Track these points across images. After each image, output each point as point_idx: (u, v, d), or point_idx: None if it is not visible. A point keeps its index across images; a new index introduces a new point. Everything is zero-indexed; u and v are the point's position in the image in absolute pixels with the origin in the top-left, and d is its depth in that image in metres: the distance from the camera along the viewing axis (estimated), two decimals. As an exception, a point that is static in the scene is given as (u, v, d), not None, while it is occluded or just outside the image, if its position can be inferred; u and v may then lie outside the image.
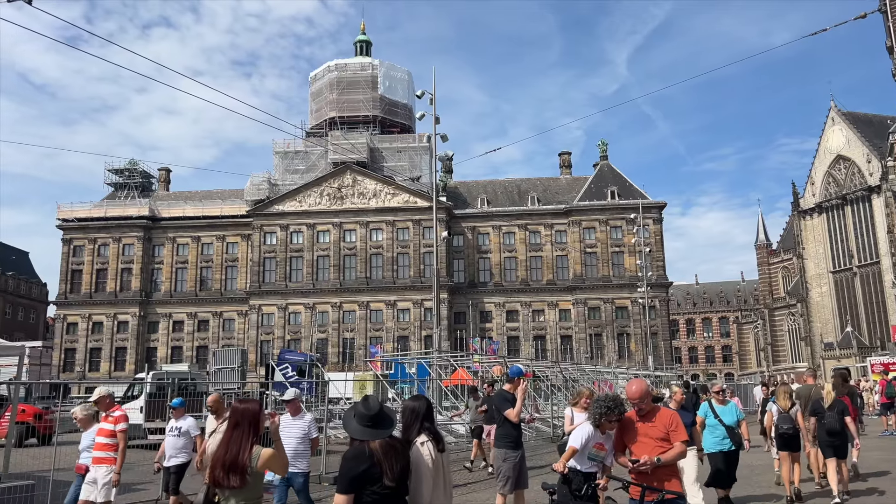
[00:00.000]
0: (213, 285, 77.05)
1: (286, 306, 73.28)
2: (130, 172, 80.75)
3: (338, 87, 77.85)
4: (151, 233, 77.56)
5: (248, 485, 4.27)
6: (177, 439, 9.69)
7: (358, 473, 4.03)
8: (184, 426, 9.77)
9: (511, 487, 8.67)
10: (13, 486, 11.29)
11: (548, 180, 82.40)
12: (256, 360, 67.05)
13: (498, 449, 8.85)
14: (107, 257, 77.10)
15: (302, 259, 74.46)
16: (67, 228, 77.64)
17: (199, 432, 9.75)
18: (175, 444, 9.70)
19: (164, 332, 75.96)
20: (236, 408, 4.45)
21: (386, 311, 72.42)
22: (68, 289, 77.10)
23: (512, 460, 8.70)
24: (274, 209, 74.97)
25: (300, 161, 76.89)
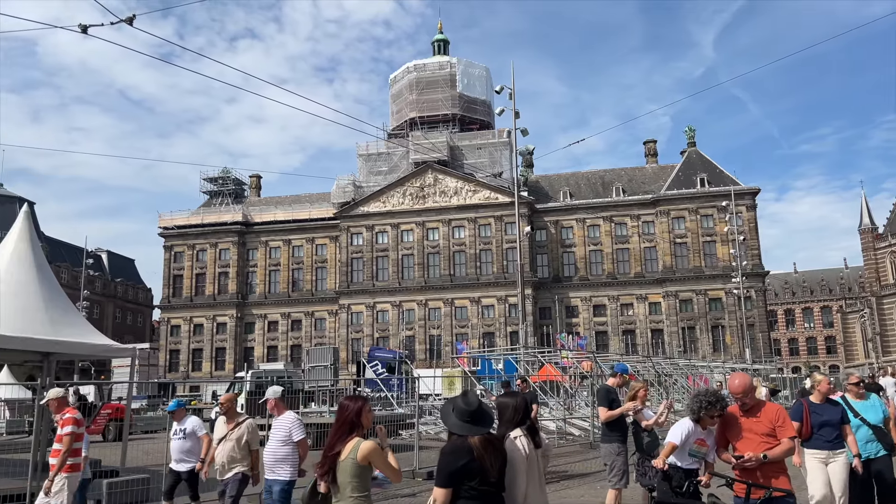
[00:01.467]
0: (305, 286, 79.54)
1: (374, 305, 74.79)
2: (224, 180, 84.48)
3: (417, 87, 78.70)
4: (245, 237, 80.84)
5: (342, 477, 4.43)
6: (182, 442, 8.92)
7: (457, 468, 4.06)
8: (188, 427, 9.00)
9: (626, 482, 8.57)
10: (131, 480, 12.05)
11: (633, 170, 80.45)
12: (347, 358, 68.79)
13: (609, 444, 8.73)
14: (205, 262, 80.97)
15: (387, 258, 75.79)
16: (168, 236, 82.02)
17: (205, 431, 9.01)
18: (181, 447, 8.92)
19: (260, 333, 79.04)
20: (343, 403, 4.70)
21: (470, 307, 72.71)
22: (171, 293, 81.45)
23: (624, 454, 8.60)
24: (359, 210, 76.63)
25: (383, 162, 78.24)
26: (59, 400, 8.42)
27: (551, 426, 22.14)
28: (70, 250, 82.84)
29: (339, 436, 4.53)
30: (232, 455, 8.07)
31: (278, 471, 7.34)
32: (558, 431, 22.18)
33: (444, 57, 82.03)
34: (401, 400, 28.79)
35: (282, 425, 7.54)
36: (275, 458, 7.38)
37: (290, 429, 7.46)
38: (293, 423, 7.56)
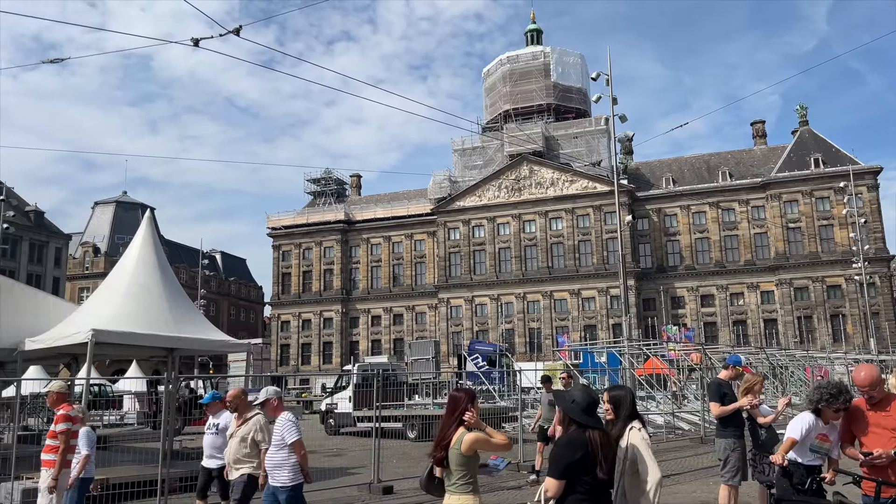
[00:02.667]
0: (405, 281, 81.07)
1: (472, 298, 75.21)
2: (326, 181, 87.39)
3: (510, 79, 78.31)
4: (348, 235, 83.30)
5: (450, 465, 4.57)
6: (215, 437, 8.33)
7: (574, 461, 4.07)
8: (221, 422, 8.37)
9: (741, 478, 8.25)
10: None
11: (740, 153, 76.75)
12: (448, 351, 69.57)
13: (723, 439, 8.41)
14: (311, 260, 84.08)
15: (484, 252, 75.98)
16: (276, 236, 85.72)
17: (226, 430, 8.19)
18: (213, 442, 8.36)
19: (364, 327, 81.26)
20: (453, 395, 4.87)
21: (570, 300, 71.74)
22: (280, 290, 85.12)
23: (740, 450, 8.27)
24: (455, 205, 77.19)
25: (478, 156, 78.44)
26: (59, 394, 8.15)
27: (658, 420, 21.55)
28: (187, 252, 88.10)
29: (451, 425, 4.67)
30: (238, 454, 7.56)
31: (278, 477, 6.98)
32: (666, 426, 21.56)
33: (538, 47, 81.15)
34: (502, 393, 28.83)
35: (276, 429, 7.17)
36: (272, 464, 7.07)
37: (281, 432, 7.06)
38: (285, 425, 7.11)
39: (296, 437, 7.03)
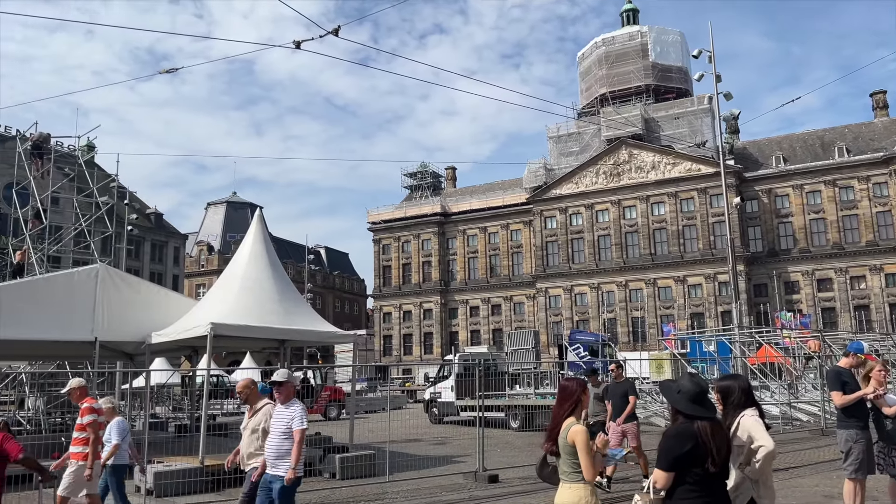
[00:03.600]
0: (502, 271, 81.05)
1: (571, 288, 74.21)
2: (422, 174, 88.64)
3: (606, 61, 76.43)
4: (444, 227, 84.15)
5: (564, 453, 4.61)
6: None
7: (682, 453, 3.97)
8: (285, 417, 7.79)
9: (866, 471, 7.78)
10: (359, 455, 13.17)
11: (858, 127, 71.57)
12: (548, 341, 69.03)
13: (846, 430, 7.94)
14: (409, 253, 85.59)
15: (583, 240, 74.73)
16: (376, 230, 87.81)
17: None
18: None
19: (463, 318, 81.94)
20: (564, 384, 4.92)
21: (675, 287, 69.42)
22: (381, 283, 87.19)
23: (864, 442, 7.79)
24: (552, 193, 76.29)
25: (573, 143, 77.16)
26: (80, 389, 8.28)
27: (774, 411, 20.56)
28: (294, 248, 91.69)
29: (562, 413, 4.71)
30: (251, 447, 7.25)
31: (281, 466, 6.59)
32: (783, 417, 20.55)
33: (634, 27, 78.72)
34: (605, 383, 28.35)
35: (287, 415, 6.75)
36: (278, 453, 6.66)
37: (291, 421, 6.67)
38: (296, 413, 6.73)
39: (302, 426, 6.67)
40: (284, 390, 6.89)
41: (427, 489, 11.69)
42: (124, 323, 13.80)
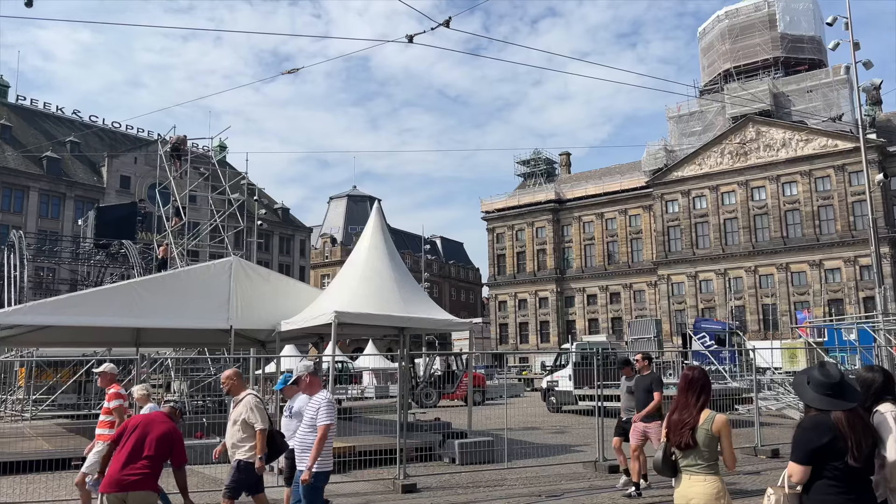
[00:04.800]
0: (620, 258, 79.01)
1: (695, 274, 71.19)
2: (535, 161, 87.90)
3: (730, 35, 72.38)
4: (559, 214, 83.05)
5: (698, 445, 4.50)
6: (289, 421, 7.51)
7: (819, 446, 3.73)
8: (295, 406, 7.61)
9: None
10: (478, 441, 13.33)
11: None
12: (671, 330, 66.70)
13: None
14: (523, 241, 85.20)
15: (707, 224, 71.40)
16: (489, 219, 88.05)
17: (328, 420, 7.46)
18: (287, 426, 7.56)
19: (580, 306, 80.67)
20: (686, 374, 4.78)
21: (810, 272, 64.96)
22: (496, 272, 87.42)
23: None
24: (673, 176, 73.36)
25: (695, 122, 73.76)
26: (109, 374, 8.43)
27: None
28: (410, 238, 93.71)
29: (693, 404, 4.60)
30: (233, 438, 7.04)
31: (307, 461, 6.33)
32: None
33: (760, -4, 73.97)
34: (734, 373, 27.22)
35: (312, 407, 6.51)
36: (303, 446, 6.46)
37: (315, 412, 6.41)
38: (321, 404, 6.42)
39: (327, 421, 6.32)
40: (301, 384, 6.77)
41: (546, 477, 11.67)
42: (256, 312, 14.65)
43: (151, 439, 5.61)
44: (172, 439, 5.73)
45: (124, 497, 5.45)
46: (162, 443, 5.64)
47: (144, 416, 5.85)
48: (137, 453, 5.54)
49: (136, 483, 5.47)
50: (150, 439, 5.61)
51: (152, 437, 5.62)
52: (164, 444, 5.65)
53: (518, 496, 10.16)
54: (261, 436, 6.84)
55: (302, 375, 6.78)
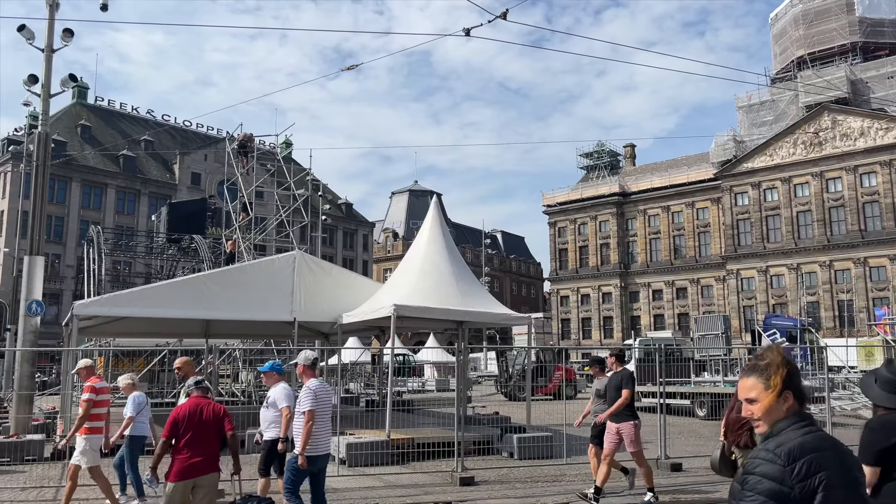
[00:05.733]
0: (687, 252, 77.05)
1: (766, 269, 68.77)
2: (599, 154, 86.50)
3: (804, 21, 69.41)
4: (623, 208, 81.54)
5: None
6: (266, 411, 7.74)
7: (887, 446, 3.56)
8: (271, 396, 7.70)
9: None
10: (537, 436, 13.26)
11: None
12: (740, 326, 64.71)
13: None
14: (586, 235, 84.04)
15: (779, 217, 68.82)
16: (551, 212, 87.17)
17: (286, 404, 7.43)
18: (265, 416, 7.83)
19: (645, 301, 79.09)
20: None
21: (890, 267, 61.82)
22: (558, 266, 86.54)
23: None
24: (742, 168, 70.98)
25: (766, 111, 71.10)
26: (87, 369, 8.61)
27: None
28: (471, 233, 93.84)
29: None
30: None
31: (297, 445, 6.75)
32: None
33: (836, -22, 70.66)
34: (806, 372, 26.24)
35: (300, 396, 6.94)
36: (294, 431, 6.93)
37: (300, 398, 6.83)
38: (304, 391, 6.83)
39: (308, 407, 6.67)
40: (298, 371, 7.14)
41: (606, 474, 11.50)
42: (318, 304, 14.98)
43: (207, 422, 5.86)
44: (221, 414, 6.01)
45: (193, 482, 5.70)
46: (216, 421, 5.92)
47: (190, 404, 5.99)
48: (198, 439, 5.77)
49: (204, 467, 5.76)
50: (206, 423, 5.85)
51: (207, 420, 5.87)
52: (218, 421, 5.94)
53: (576, 492, 10.05)
54: None
55: (299, 363, 7.13)
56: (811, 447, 2.21)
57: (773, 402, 2.32)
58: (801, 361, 28.01)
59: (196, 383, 6.20)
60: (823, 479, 2.16)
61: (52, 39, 15.59)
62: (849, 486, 2.22)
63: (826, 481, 2.15)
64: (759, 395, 2.36)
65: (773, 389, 2.33)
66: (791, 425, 2.29)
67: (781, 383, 2.33)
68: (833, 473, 2.19)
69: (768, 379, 2.35)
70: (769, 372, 2.35)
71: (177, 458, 5.73)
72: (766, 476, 2.18)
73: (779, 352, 2.42)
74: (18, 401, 14.07)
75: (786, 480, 2.16)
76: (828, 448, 2.26)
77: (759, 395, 2.36)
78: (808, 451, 2.20)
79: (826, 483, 2.15)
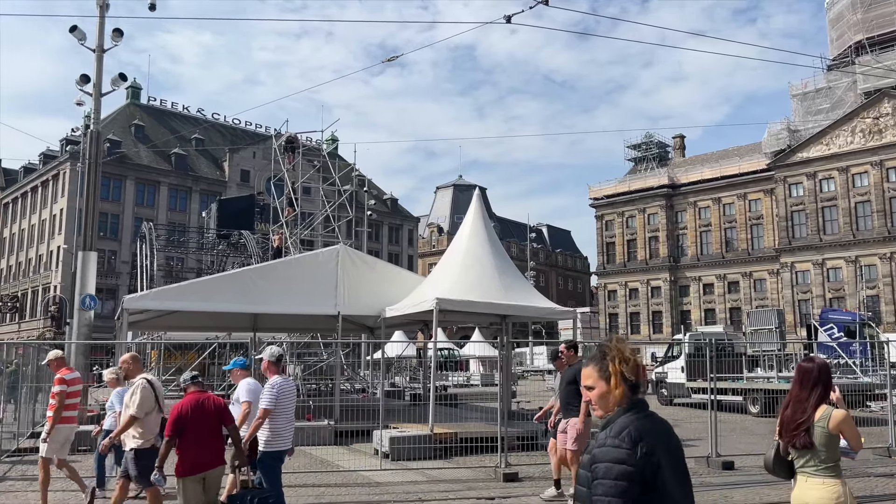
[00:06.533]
0: (739, 245, 75.08)
1: (822, 262, 66.48)
2: (647, 145, 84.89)
3: (861, 4, 66.70)
4: (672, 200, 79.88)
5: (815, 446, 4.14)
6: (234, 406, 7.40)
7: None
8: (235, 394, 7.53)
9: None
10: (582, 432, 13.01)
11: None
12: (794, 321, 62.82)
13: None
14: (634, 228, 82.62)
15: (836, 208, 66.43)
16: (598, 206, 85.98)
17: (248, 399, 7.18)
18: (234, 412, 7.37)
19: (696, 296, 77.41)
20: (801, 366, 4.40)
21: (958, 258, 59.15)
22: (605, 260, 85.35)
23: None
24: (797, 157, 68.71)
25: (822, 99, 68.64)
26: (56, 360, 8.72)
27: None
28: (516, 227, 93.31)
29: (810, 400, 4.24)
30: None
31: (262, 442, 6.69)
32: None
33: (898, -42, 67.72)
34: (865, 368, 25.28)
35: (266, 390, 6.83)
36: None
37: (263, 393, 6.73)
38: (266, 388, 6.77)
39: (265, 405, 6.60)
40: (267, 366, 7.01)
41: (654, 471, 11.22)
42: (362, 298, 15.01)
43: (210, 416, 5.94)
44: (221, 408, 6.10)
45: (203, 476, 5.81)
46: (219, 414, 6.03)
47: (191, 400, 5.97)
48: (205, 433, 5.86)
49: (213, 460, 5.89)
50: (209, 417, 5.93)
51: (210, 414, 5.95)
52: (220, 414, 6.05)
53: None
54: (128, 421, 6.79)
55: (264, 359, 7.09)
56: (647, 430, 2.43)
57: (608, 389, 2.52)
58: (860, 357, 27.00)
59: (192, 378, 6.23)
60: (660, 456, 2.39)
61: (102, 40, 15.95)
62: (677, 461, 2.49)
63: (661, 458, 2.39)
64: (595, 382, 2.56)
65: (608, 378, 2.53)
66: (627, 411, 2.48)
67: (617, 373, 2.52)
68: (665, 451, 2.44)
69: (605, 369, 2.55)
70: (605, 362, 2.55)
71: (186, 453, 5.79)
72: (615, 461, 2.36)
73: (617, 343, 2.63)
74: (74, 393, 14.45)
75: (631, 461, 2.35)
76: (659, 430, 2.50)
77: (596, 383, 2.56)
78: (645, 434, 2.41)
79: (661, 459, 2.39)
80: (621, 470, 2.34)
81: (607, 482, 2.35)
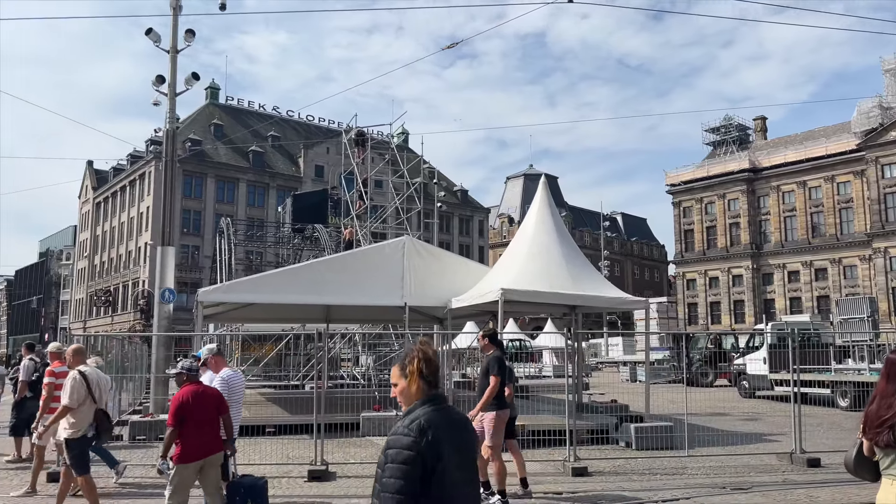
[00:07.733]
0: (827, 230, 71.30)
1: (920, 246, 62.39)
2: (726, 128, 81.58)
3: (964, -33, 62.02)
4: (754, 185, 76.61)
5: None
6: None
7: None
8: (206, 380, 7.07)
9: None
10: (655, 426, 12.61)
11: None
12: (889, 309, 59.29)
13: None
14: (714, 214, 79.69)
15: (936, 189, 62.16)
16: (675, 192, 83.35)
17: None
18: None
19: (780, 284, 74.09)
20: (890, 358, 4.01)
21: None
22: (683, 248, 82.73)
23: None
24: (890, 136, 64.54)
25: (919, 73, 64.28)
26: (51, 353, 9.08)
27: None
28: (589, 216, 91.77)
29: (886, 393, 3.86)
30: None
31: None
32: None
33: None
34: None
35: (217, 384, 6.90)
36: None
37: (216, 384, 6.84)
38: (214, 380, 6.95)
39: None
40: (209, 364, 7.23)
41: (732, 467, 10.75)
42: (428, 289, 14.97)
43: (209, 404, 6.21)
44: (217, 397, 6.37)
45: (203, 462, 6.06)
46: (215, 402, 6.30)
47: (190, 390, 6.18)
48: (204, 421, 6.11)
49: (213, 447, 6.15)
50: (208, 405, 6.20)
51: (209, 402, 6.21)
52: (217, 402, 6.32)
53: (699, 486, 9.43)
54: (61, 411, 7.21)
55: (207, 357, 7.31)
56: (436, 421, 2.71)
57: (407, 386, 2.82)
58: None
59: (189, 370, 6.36)
60: (445, 445, 2.68)
61: (175, 41, 16.44)
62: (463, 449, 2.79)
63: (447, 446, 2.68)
64: (398, 380, 2.87)
65: (408, 376, 2.83)
66: (422, 405, 2.78)
67: (415, 371, 2.81)
68: (450, 441, 2.71)
69: (405, 368, 2.85)
70: (405, 361, 2.85)
71: (185, 441, 6.01)
72: (403, 447, 2.64)
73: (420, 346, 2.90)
74: (156, 383, 15.04)
75: (417, 448, 2.63)
76: (447, 422, 2.77)
77: (398, 380, 2.86)
78: (433, 425, 2.69)
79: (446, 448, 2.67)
80: (406, 455, 2.62)
81: (394, 466, 2.63)
